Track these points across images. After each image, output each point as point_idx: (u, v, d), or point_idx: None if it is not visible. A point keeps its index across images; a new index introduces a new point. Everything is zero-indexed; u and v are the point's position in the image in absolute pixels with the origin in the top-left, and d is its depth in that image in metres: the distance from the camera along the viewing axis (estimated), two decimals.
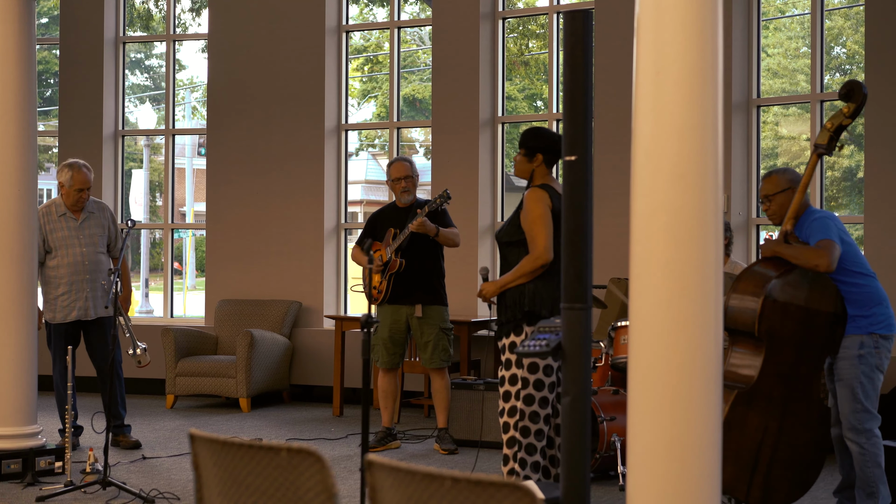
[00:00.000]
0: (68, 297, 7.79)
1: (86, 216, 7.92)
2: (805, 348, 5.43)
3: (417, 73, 17.69)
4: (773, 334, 5.39)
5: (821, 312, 5.45)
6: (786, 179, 5.68)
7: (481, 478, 2.27)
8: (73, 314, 7.79)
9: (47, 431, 7.88)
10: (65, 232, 7.84)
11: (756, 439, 5.36)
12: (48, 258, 7.85)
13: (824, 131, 5.57)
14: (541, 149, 5.97)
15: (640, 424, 4.03)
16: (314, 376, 10.45)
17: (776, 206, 5.68)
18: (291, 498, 2.60)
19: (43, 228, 7.79)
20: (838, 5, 11.17)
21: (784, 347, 5.40)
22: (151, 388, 10.62)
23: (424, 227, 7.75)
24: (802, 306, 5.44)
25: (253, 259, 10.78)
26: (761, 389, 5.37)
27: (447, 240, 7.89)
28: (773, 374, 5.39)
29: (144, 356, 7.34)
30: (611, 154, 8.96)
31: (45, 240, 7.81)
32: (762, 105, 9.30)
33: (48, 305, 7.86)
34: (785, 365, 5.40)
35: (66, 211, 7.88)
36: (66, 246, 7.83)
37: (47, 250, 7.84)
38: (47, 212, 7.88)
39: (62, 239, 7.83)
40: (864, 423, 5.43)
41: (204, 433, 2.81)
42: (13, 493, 6.54)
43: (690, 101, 3.99)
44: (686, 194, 3.99)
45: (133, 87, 22.00)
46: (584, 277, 3.71)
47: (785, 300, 5.42)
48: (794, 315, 5.42)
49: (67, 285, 7.79)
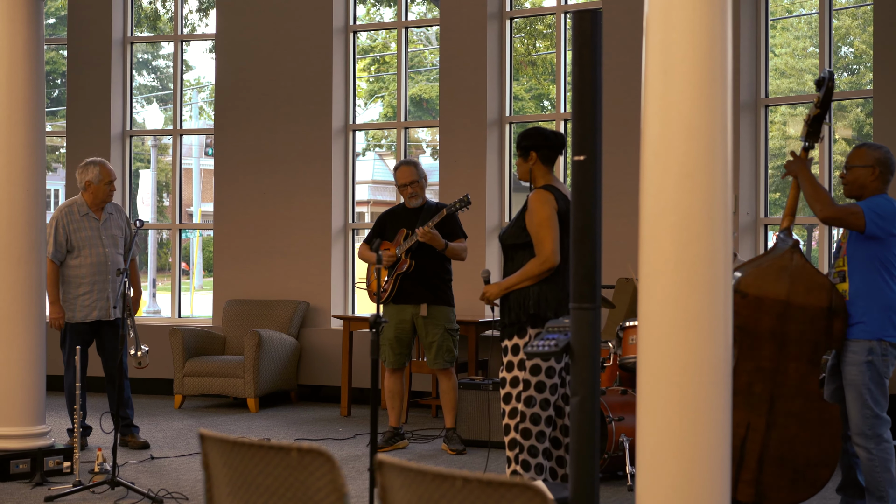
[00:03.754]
0: (90, 297, 7.80)
1: (106, 216, 7.94)
2: (789, 343, 5.37)
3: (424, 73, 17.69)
4: (746, 329, 5.36)
5: (807, 306, 5.38)
6: (873, 157, 5.54)
7: (492, 478, 2.27)
8: (95, 314, 7.80)
9: (55, 431, 7.89)
10: (88, 232, 7.85)
11: (739, 435, 5.30)
12: (69, 258, 7.85)
13: (804, 125, 5.59)
14: (532, 146, 5.96)
15: (649, 424, 4.03)
16: (322, 376, 10.46)
17: (852, 178, 5.56)
18: (301, 498, 2.60)
19: (66, 228, 7.81)
20: (846, 5, 11.16)
21: (762, 343, 5.36)
22: (159, 388, 10.63)
23: (433, 241, 7.73)
24: (782, 300, 5.38)
25: (260, 259, 10.79)
26: (738, 385, 5.28)
27: (454, 254, 7.87)
28: (750, 370, 5.36)
29: (145, 358, 7.36)
30: (619, 154, 8.95)
31: (68, 239, 7.82)
32: (770, 105, 9.29)
33: (68, 305, 7.83)
34: (765, 360, 5.35)
35: (88, 211, 7.89)
36: (90, 246, 7.83)
37: (69, 250, 7.85)
38: (69, 211, 7.88)
39: (86, 239, 7.84)
40: (874, 427, 5.39)
41: (214, 433, 2.81)
42: (22, 492, 6.55)
43: (699, 101, 3.99)
44: (694, 194, 3.98)
45: (140, 87, 22.03)
46: (593, 277, 3.70)
47: (758, 294, 5.38)
48: (770, 309, 5.37)
49: (89, 285, 7.81)
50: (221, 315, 10.69)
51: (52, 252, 7.74)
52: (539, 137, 5.97)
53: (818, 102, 5.52)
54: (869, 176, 5.51)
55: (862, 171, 5.53)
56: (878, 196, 5.47)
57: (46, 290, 7.57)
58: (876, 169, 5.51)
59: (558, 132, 6.09)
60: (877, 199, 5.45)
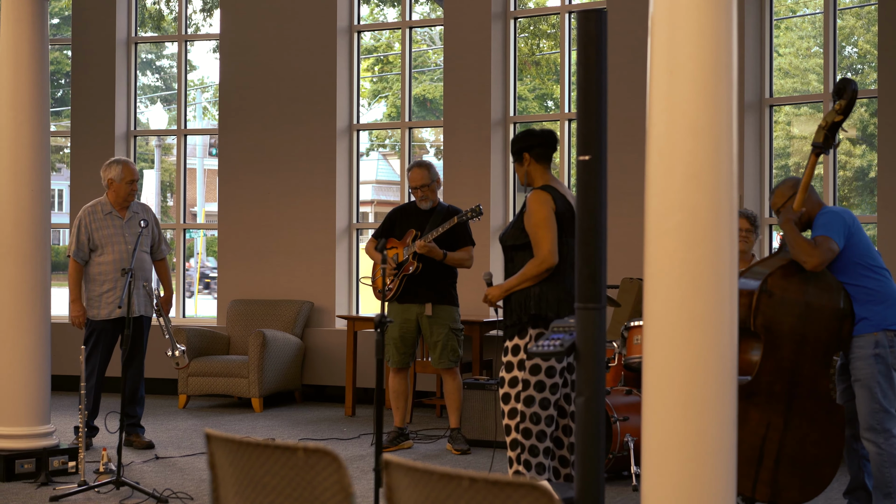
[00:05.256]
0: (113, 294, 7.85)
1: (131, 215, 7.99)
2: (806, 344, 5.42)
3: (428, 73, 17.68)
4: (771, 329, 5.40)
5: (824, 308, 5.45)
6: (788, 187, 5.69)
7: (498, 478, 2.27)
8: (118, 311, 7.83)
9: (60, 431, 7.90)
10: (111, 230, 7.91)
11: (759, 434, 5.35)
12: (93, 255, 7.93)
13: (820, 130, 5.58)
14: (523, 148, 5.97)
15: (654, 424, 4.02)
16: (326, 376, 10.46)
17: (792, 216, 5.65)
18: (308, 498, 2.60)
19: (88, 227, 7.89)
20: (850, 4, 11.14)
21: (783, 342, 5.40)
22: (164, 388, 10.64)
23: (431, 253, 7.72)
24: (802, 300, 5.44)
25: (265, 259, 10.79)
26: (761, 384, 5.37)
27: (455, 263, 7.85)
28: (773, 370, 5.39)
29: (183, 358, 7.40)
30: (624, 154, 8.95)
31: (91, 238, 7.89)
32: (774, 105, 9.29)
33: (92, 302, 7.92)
34: (786, 360, 5.40)
35: (112, 209, 7.97)
36: (112, 244, 7.90)
37: (92, 248, 7.91)
38: (92, 210, 7.98)
39: (108, 237, 7.90)
40: (883, 422, 5.41)
41: (220, 433, 2.82)
42: (27, 492, 6.56)
43: (704, 101, 3.98)
44: (700, 194, 3.98)
45: (144, 87, 22.04)
46: (599, 277, 3.70)
47: (782, 294, 5.43)
48: (792, 310, 5.43)
49: (112, 282, 7.85)
50: (226, 315, 10.69)
51: (73, 251, 7.91)
52: (529, 138, 5.99)
53: (840, 109, 5.50)
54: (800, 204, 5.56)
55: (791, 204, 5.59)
56: (821, 215, 5.56)
57: (68, 288, 7.89)
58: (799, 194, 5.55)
59: (548, 129, 6.09)
60: (822, 217, 5.54)
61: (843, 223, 5.50)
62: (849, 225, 5.52)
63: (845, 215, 5.56)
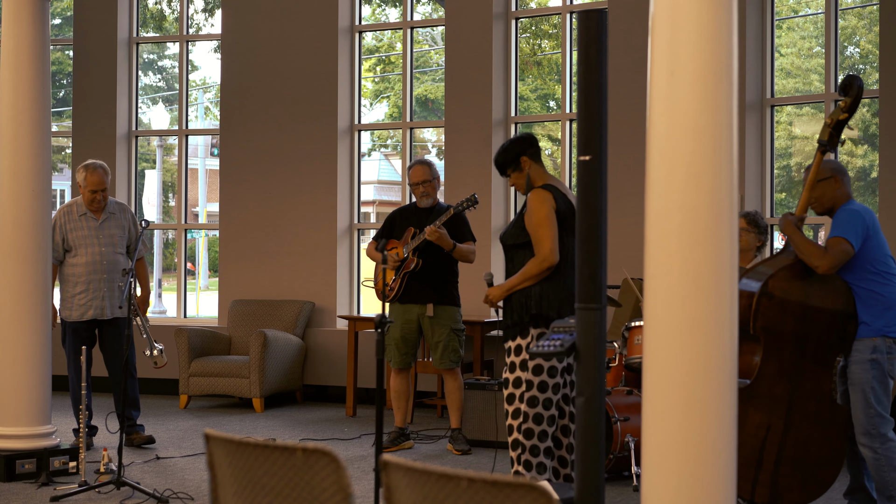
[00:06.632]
0: (85, 296, 7.82)
1: (106, 216, 7.96)
2: (808, 346, 5.40)
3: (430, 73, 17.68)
4: (772, 331, 5.37)
5: (825, 310, 5.41)
6: (829, 168, 5.58)
7: (497, 478, 2.27)
8: (90, 313, 7.81)
9: (61, 431, 7.90)
10: (84, 231, 7.88)
11: (759, 437, 5.34)
12: (67, 256, 7.90)
13: (825, 127, 5.56)
14: (519, 153, 5.98)
15: (655, 425, 4.02)
16: (327, 376, 10.46)
17: (818, 194, 5.57)
18: (307, 498, 2.59)
19: (63, 227, 7.86)
20: (852, 5, 11.14)
21: (785, 345, 5.37)
22: (165, 388, 10.64)
23: (441, 240, 7.72)
24: (803, 302, 5.40)
25: (266, 259, 10.79)
26: (761, 386, 5.35)
27: (462, 256, 7.85)
28: (773, 372, 5.37)
29: (161, 357, 7.36)
30: (625, 154, 8.94)
31: (65, 238, 7.86)
32: (776, 105, 9.28)
33: (65, 303, 7.90)
34: (787, 362, 5.38)
35: (86, 211, 7.93)
36: (85, 245, 7.87)
37: (66, 249, 7.89)
38: (68, 211, 7.95)
39: (81, 238, 7.87)
40: (878, 427, 5.39)
41: (219, 433, 2.81)
42: (27, 492, 6.56)
43: (705, 101, 3.98)
44: (701, 194, 3.97)
45: (145, 87, 22.05)
46: (599, 277, 3.70)
47: (783, 297, 5.39)
48: (793, 312, 5.39)
49: (85, 284, 7.83)
50: (227, 315, 10.69)
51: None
52: (519, 144, 6.01)
53: (846, 107, 5.48)
54: (831, 186, 5.53)
55: (824, 185, 5.55)
56: (843, 210, 5.49)
57: None
58: (833, 177, 5.53)
59: (525, 132, 6.11)
60: (843, 213, 5.47)
61: (863, 223, 5.41)
62: (868, 226, 5.43)
63: (866, 215, 5.47)
